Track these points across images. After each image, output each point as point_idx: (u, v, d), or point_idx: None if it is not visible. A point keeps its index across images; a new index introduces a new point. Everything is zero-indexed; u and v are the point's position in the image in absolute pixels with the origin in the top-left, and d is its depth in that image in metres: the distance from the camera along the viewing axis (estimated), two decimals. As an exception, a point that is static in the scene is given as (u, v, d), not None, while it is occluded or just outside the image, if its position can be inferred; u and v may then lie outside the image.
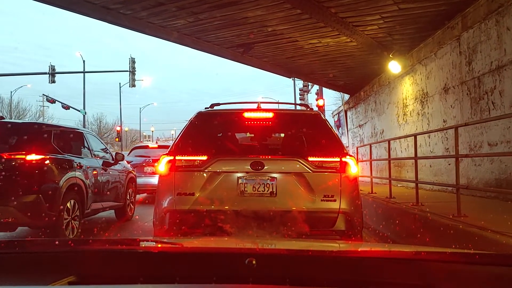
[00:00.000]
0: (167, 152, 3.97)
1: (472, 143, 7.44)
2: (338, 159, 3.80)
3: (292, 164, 3.81)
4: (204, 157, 3.79)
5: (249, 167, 3.74)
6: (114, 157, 7.94)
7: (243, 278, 1.22)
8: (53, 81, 23.54)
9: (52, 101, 29.05)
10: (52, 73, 23.52)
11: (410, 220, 5.29)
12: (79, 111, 32.32)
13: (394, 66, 10.62)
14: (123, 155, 8.43)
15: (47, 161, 5.62)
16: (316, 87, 24.24)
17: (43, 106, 47.53)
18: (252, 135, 5.04)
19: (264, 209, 3.65)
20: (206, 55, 11.76)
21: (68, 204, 5.83)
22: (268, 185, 3.75)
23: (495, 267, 1.28)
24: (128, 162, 10.56)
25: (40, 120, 43.20)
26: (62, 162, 5.95)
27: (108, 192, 7.29)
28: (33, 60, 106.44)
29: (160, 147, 13.02)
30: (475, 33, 7.39)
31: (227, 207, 3.69)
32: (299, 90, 32.17)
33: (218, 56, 11.71)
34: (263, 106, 4.43)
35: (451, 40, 8.26)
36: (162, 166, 3.89)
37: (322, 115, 4.55)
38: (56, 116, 48.92)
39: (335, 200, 3.72)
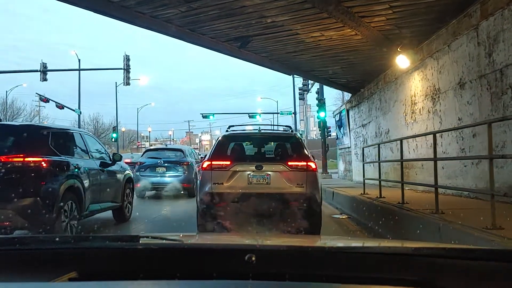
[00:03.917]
0: (207, 158, 6.27)
1: (494, 143, 6.72)
2: (305, 163, 6.06)
3: (279, 166, 6.08)
4: (228, 162, 6.11)
5: (254, 168, 6.03)
6: (111, 157, 7.94)
7: (243, 274, 1.21)
8: (45, 79, 22.74)
9: (46, 100, 28.25)
10: (44, 71, 22.72)
11: (432, 232, 4.56)
12: (73, 110, 31.59)
13: (402, 61, 9.89)
14: (121, 156, 8.47)
15: (44, 163, 5.60)
16: (316, 86, 23.58)
17: (39, 106, 46.71)
18: (256, 148, 7.60)
19: (263, 191, 5.92)
20: (207, 55, 11.30)
21: (66, 206, 5.81)
22: (265, 178, 6.00)
23: (494, 263, 1.25)
24: (142, 163, 13.42)
25: (35, 120, 42.51)
26: (59, 163, 5.94)
27: (106, 193, 7.31)
28: (34, 59, 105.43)
29: (170, 149, 14.76)
30: (497, 21, 6.67)
31: (241, 190, 5.87)
32: (299, 90, 31.59)
33: (214, 51, 10.94)
34: (263, 127, 7.47)
35: (467, 30, 7.54)
36: (205, 166, 6.14)
37: (298, 135, 7.26)
38: (51, 116, 48.07)
39: (303, 186, 5.94)
